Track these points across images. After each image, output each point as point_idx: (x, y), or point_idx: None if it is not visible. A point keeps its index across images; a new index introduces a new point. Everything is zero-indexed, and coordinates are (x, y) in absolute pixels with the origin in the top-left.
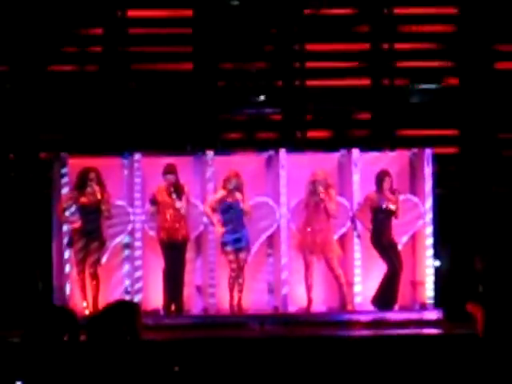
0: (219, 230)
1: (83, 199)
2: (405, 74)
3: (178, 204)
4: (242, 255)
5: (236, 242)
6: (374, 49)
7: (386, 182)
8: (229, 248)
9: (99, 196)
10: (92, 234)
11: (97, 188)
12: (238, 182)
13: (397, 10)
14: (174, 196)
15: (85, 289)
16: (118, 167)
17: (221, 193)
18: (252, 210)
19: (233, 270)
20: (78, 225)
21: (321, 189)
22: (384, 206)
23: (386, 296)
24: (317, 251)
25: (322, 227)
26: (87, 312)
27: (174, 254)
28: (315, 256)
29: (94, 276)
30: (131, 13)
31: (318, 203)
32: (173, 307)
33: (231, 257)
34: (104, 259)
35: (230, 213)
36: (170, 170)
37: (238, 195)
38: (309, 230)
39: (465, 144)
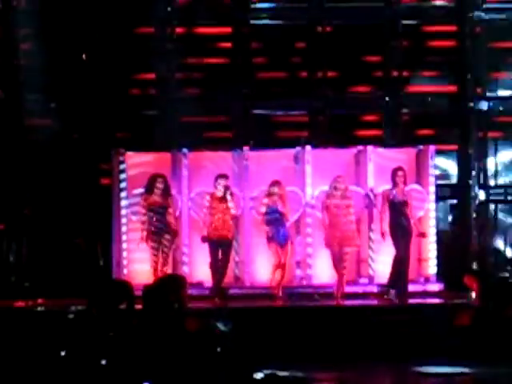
0: (264, 227)
1: (151, 200)
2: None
3: (231, 206)
4: (284, 248)
5: (278, 239)
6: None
7: (398, 176)
8: (272, 243)
9: (165, 200)
10: (162, 228)
11: (163, 193)
12: (279, 188)
13: None
14: (228, 198)
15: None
16: (168, 161)
17: (265, 201)
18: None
19: (277, 261)
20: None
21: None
22: (397, 200)
23: (398, 283)
24: (340, 244)
25: (343, 225)
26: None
27: (222, 250)
28: (341, 247)
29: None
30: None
31: (339, 205)
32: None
33: (273, 249)
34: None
35: (271, 214)
36: (223, 175)
37: (277, 200)
38: (333, 229)
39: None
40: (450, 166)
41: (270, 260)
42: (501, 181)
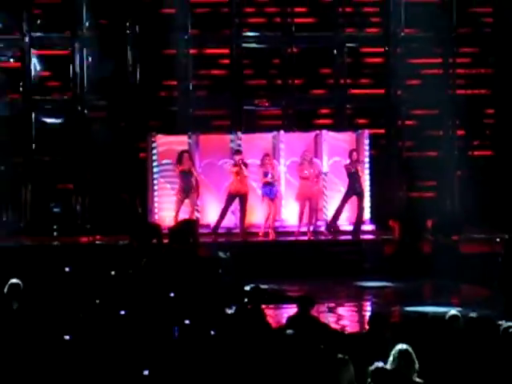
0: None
1: (181, 168)
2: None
3: (246, 172)
4: (273, 201)
5: (269, 194)
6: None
7: (353, 155)
8: (265, 197)
9: (190, 167)
10: (189, 188)
11: (189, 162)
12: (269, 159)
13: None
14: (243, 167)
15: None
16: (185, 141)
17: (263, 169)
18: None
19: (268, 210)
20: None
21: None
22: (353, 171)
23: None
24: (307, 199)
25: (310, 185)
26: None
27: (240, 202)
28: (307, 201)
29: (194, 211)
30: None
31: (308, 170)
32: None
33: (266, 202)
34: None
35: (266, 178)
36: (238, 150)
37: (269, 168)
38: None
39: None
40: None
41: (263, 210)
42: None
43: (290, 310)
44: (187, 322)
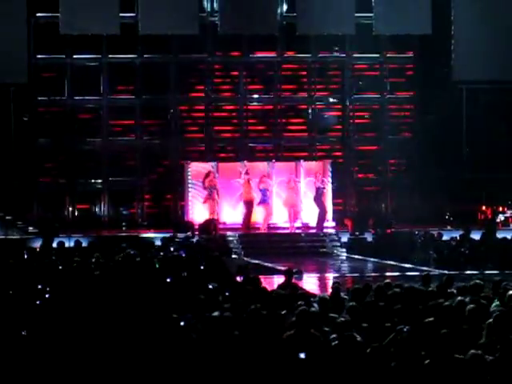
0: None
1: (207, 184)
2: None
3: (253, 185)
4: (268, 205)
5: (266, 201)
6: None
7: (318, 176)
8: (262, 202)
9: (214, 182)
10: (213, 198)
11: (212, 180)
12: (267, 179)
13: None
14: (252, 183)
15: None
16: (209, 167)
17: (262, 185)
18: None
19: (265, 211)
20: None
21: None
22: (318, 186)
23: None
24: (291, 206)
25: (293, 196)
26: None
27: (249, 206)
28: (291, 207)
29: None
30: None
31: (291, 186)
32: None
33: (263, 206)
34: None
35: (263, 191)
36: (248, 172)
37: (266, 185)
38: (287, 199)
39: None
40: None
41: (261, 212)
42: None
43: (279, 279)
44: (210, 286)
